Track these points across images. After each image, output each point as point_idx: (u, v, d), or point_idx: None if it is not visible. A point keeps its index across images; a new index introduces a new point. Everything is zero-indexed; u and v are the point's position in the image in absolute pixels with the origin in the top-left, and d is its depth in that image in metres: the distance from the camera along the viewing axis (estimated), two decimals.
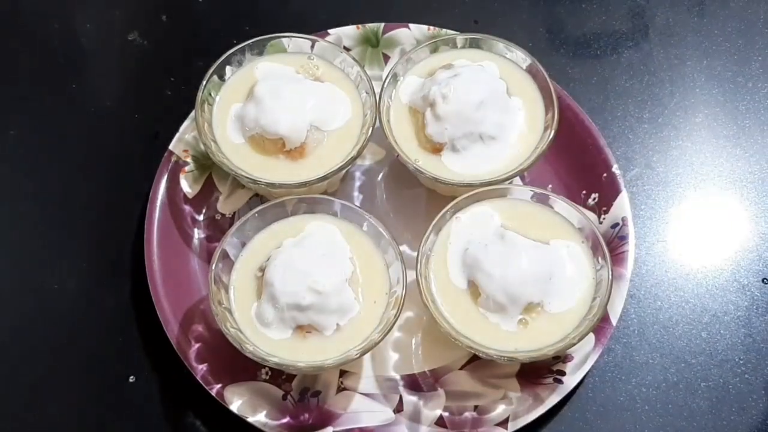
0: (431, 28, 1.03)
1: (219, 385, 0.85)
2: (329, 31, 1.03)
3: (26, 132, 1.05)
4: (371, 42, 1.03)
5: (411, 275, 0.84)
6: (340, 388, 0.87)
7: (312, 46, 0.96)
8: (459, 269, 0.86)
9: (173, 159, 0.96)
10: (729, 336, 0.92)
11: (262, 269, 0.84)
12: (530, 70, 0.95)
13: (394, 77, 0.95)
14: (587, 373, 0.87)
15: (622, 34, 1.11)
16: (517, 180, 0.95)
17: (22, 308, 0.94)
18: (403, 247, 0.90)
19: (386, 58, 1.03)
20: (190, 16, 1.14)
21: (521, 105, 0.93)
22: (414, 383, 0.88)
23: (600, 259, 0.85)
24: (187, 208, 0.95)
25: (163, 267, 0.91)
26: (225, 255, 0.85)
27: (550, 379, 0.86)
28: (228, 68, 0.95)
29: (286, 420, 0.85)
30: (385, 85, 0.93)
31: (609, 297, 0.83)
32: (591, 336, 0.86)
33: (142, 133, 1.03)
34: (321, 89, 0.94)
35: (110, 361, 0.91)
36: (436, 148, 0.92)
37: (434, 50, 0.97)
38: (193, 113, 0.93)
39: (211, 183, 0.97)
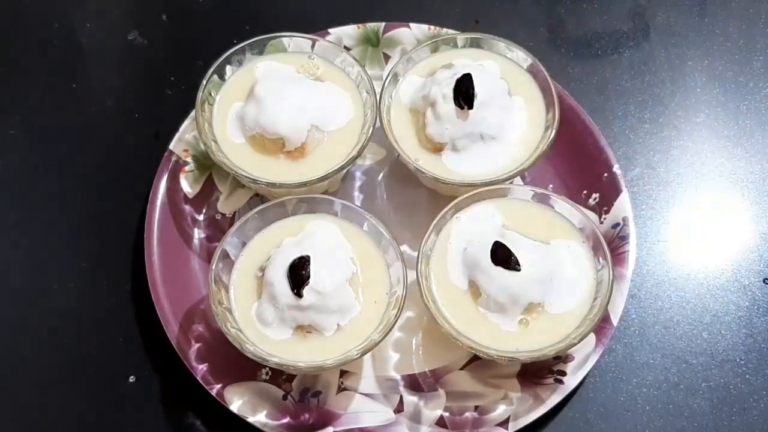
0: (432, 27, 1.03)
1: (219, 385, 0.85)
2: (329, 30, 1.02)
3: (26, 132, 1.05)
4: (372, 41, 1.03)
5: (411, 275, 0.84)
6: (341, 388, 0.87)
7: (312, 46, 0.96)
8: (459, 269, 0.85)
9: (173, 159, 0.96)
10: (730, 336, 0.92)
11: (263, 269, 0.84)
12: (531, 70, 0.95)
13: (395, 77, 0.94)
14: (588, 374, 0.87)
15: (623, 34, 1.11)
16: (518, 180, 0.94)
17: (22, 308, 0.94)
18: (404, 247, 0.90)
19: (387, 57, 1.03)
20: (190, 16, 1.14)
21: (522, 105, 0.93)
22: (414, 383, 0.88)
23: (601, 259, 0.84)
24: (187, 207, 0.95)
25: (163, 267, 0.91)
26: (225, 255, 0.85)
27: (551, 380, 0.86)
28: (228, 68, 0.95)
29: (286, 420, 0.85)
30: (385, 85, 0.93)
31: (610, 297, 0.82)
32: (592, 336, 0.86)
33: (142, 133, 1.03)
34: (321, 89, 0.94)
35: (110, 361, 0.91)
36: (437, 148, 0.91)
37: (435, 50, 0.96)
38: (193, 113, 0.93)
39: (211, 183, 0.97)
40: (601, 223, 0.93)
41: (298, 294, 0.80)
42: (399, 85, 0.95)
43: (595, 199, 0.95)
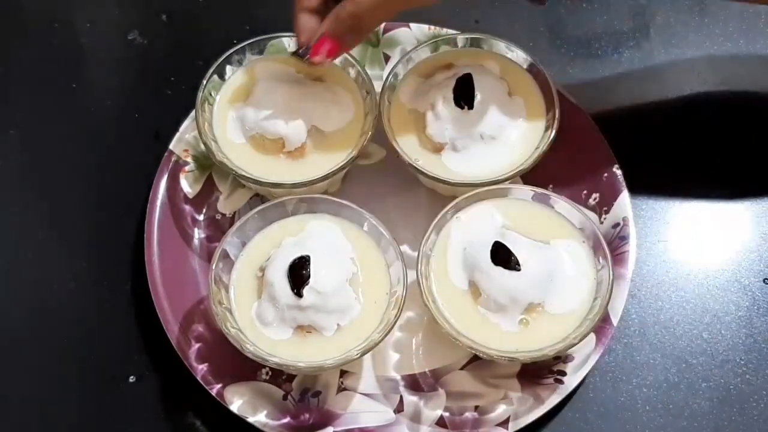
0: (432, 27, 1.02)
1: (219, 385, 0.85)
2: None
3: (26, 131, 1.05)
4: (371, 41, 1.03)
5: (411, 275, 0.84)
6: (341, 388, 0.87)
7: None
8: (459, 269, 0.85)
9: (173, 159, 0.96)
10: (730, 336, 0.92)
11: (263, 269, 0.84)
12: (531, 70, 0.94)
13: (395, 77, 0.94)
14: (588, 374, 0.87)
15: (623, 34, 1.11)
16: (518, 180, 0.94)
17: (21, 308, 0.94)
18: (404, 247, 0.89)
19: (387, 57, 1.03)
20: (190, 16, 1.14)
21: (522, 105, 0.93)
22: (414, 383, 0.88)
23: (601, 259, 0.84)
24: (187, 207, 0.95)
25: (163, 267, 0.90)
26: (225, 255, 0.85)
27: (551, 380, 0.86)
28: (228, 68, 0.95)
29: (286, 420, 0.85)
30: (385, 85, 0.93)
31: (610, 297, 0.82)
32: (592, 336, 0.86)
33: (142, 133, 1.03)
34: (322, 89, 0.94)
35: (110, 361, 0.91)
36: (437, 148, 0.91)
37: (435, 50, 0.96)
38: (193, 113, 0.93)
39: (211, 183, 0.97)
40: (601, 223, 0.93)
41: (298, 294, 0.80)
42: (399, 85, 0.95)
43: (595, 199, 0.95)
